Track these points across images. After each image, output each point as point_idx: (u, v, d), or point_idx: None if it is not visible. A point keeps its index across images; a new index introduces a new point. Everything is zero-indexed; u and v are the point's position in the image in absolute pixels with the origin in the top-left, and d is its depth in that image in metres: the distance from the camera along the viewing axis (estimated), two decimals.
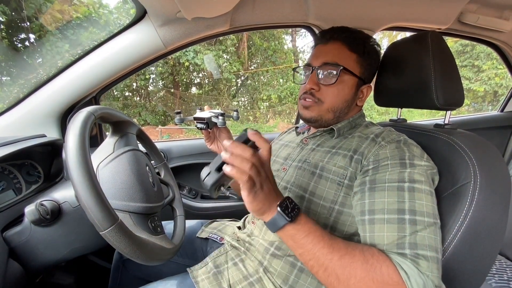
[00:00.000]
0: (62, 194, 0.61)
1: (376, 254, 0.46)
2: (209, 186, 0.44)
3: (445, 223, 0.53)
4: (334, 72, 0.65)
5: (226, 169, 0.43)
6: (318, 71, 0.67)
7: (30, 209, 0.55)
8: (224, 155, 0.44)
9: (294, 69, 0.78)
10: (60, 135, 0.96)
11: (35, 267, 0.61)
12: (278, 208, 0.46)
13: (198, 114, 0.77)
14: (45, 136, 0.83)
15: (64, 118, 0.97)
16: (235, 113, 0.80)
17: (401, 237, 0.47)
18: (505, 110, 1.69)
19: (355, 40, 0.67)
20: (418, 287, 0.42)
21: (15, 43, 6.19)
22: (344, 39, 0.67)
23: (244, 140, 0.46)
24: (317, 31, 1.09)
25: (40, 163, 0.78)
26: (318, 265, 0.47)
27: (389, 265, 0.44)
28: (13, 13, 5.73)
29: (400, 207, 0.49)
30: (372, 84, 0.76)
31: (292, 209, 0.47)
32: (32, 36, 6.01)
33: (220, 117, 0.73)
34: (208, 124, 0.75)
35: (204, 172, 0.45)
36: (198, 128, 0.77)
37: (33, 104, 0.92)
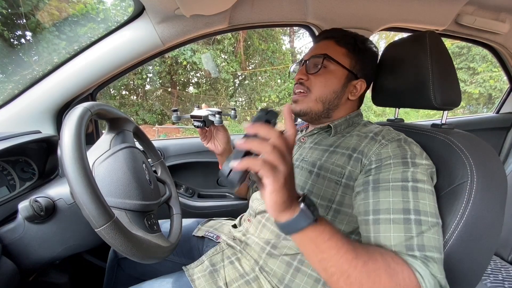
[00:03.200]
0: (57, 191, 0.60)
1: (395, 257, 0.44)
2: (235, 184, 0.37)
3: (443, 222, 0.53)
4: (320, 61, 0.68)
5: (249, 163, 0.35)
6: (307, 63, 0.71)
7: (23, 206, 0.54)
8: (242, 143, 0.37)
9: (291, 67, 0.84)
10: (56, 132, 0.95)
11: (29, 265, 0.60)
12: (302, 205, 0.39)
13: (195, 112, 0.76)
14: (40, 132, 0.82)
15: (59, 114, 0.96)
16: (232, 111, 0.80)
17: (408, 238, 0.46)
18: (500, 112, 1.71)
19: (344, 37, 0.71)
20: (431, 287, 0.42)
21: (11, 40, 6.12)
22: (333, 37, 0.71)
23: (264, 122, 0.41)
24: (315, 31, 1.09)
25: (35, 159, 0.77)
26: (340, 272, 0.41)
27: (407, 268, 0.43)
28: (10, 10, 5.67)
29: (405, 206, 0.49)
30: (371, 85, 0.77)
31: (314, 208, 0.40)
32: (28, 33, 5.95)
33: (217, 115, 0.73)
34: (205, 122, 0.75)
35: (225, 169, 0.38)
36: (195, 126, 0.76)
37: (28, 100, 0.90)
